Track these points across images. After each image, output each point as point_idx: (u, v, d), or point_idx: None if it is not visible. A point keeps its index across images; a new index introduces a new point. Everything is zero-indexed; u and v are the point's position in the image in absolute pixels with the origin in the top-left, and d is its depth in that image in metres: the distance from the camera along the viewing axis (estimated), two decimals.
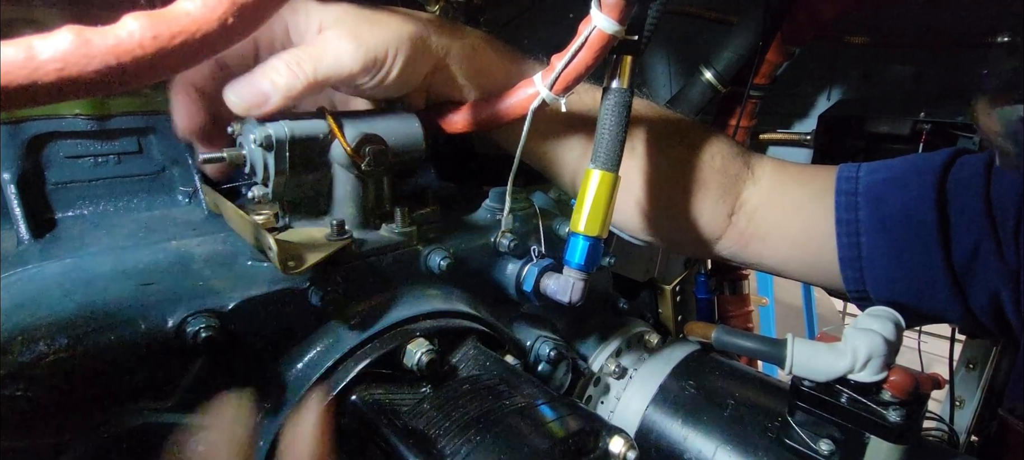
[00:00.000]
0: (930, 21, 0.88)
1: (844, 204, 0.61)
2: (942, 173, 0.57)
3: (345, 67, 0.47)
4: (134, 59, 0.31)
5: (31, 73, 0.29)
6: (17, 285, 0.42)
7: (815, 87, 1.05)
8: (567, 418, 0.46)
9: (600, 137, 0.52)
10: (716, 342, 0.57)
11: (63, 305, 0.40)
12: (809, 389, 0.51)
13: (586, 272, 0.54)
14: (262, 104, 0.45)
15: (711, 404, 0.61)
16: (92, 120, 0.49)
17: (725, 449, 0.57)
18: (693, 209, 0.65)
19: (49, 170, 0.49)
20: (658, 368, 0.66)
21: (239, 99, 0.45)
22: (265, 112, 0.46)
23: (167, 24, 0.32)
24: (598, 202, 0.52)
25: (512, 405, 0.46)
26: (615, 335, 0.71)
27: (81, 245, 0.47)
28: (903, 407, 0.48)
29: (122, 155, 0.52)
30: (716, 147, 0.65)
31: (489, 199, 0.63)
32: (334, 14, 0.48)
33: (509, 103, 0.53)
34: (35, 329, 0.38)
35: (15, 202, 0.47)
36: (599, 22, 0.46)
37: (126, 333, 0.40)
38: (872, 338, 0.48)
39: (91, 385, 0.39)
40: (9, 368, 0.36)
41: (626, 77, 0.51)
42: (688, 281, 1.08)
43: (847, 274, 0.61)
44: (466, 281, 0.57)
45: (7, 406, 0.35)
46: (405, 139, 0.52)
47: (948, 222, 0.56)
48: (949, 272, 0.56)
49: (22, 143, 0.47)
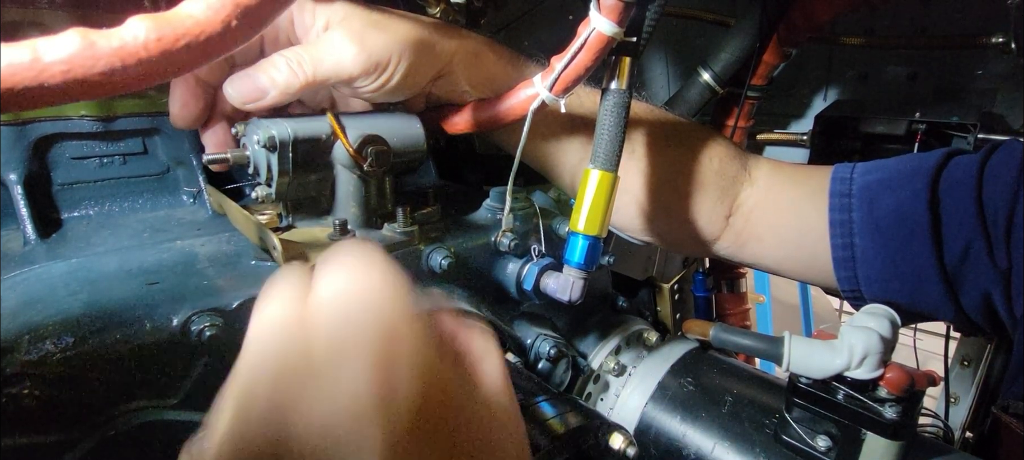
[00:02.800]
0: (925, 22, 0.88)
1: (838, 205, 0.61)
2: (935, 174, 0.58)
3: (346, 70, 0.47)
4: (139, 61, 0.31)
5: (37, 75, 0.29)
6: (24, 284, 0.42)
7: (811, 88, 1.06)
8: (567, 415, 0.46)
9: (599, 137, 0.52)
10: (714, 340, 0.57)
11: (69, 304, 0.40)
12: (806, 386, 0.52)
13: (586, 271, 0.54)
14: (259, 99, 0.46)
15: (709, 401, 0.61)
16: (97, 121, 0.50)
17: (723, 445, 0.57)
18: (691, 210, 0.65)
19: (55, 171, 0.49)
20: (657, 365, 0.67)
21: (237, 93, 0.45)
22: (261, 107, 0.46)
23: (171, 27, 0.32)
24: (597, 202, 0.53)
25: None
26: (614, 333, 0.71)
27: (87, 245, 0.47)
28: (899, 404, 0.48)
29: (127, 156, 0.52)
30: (714, 149, 0.65)
31: (489, 199, 0.64)
32: (340, 14, 0.48)
33: (509, 104, 0.54)
34: (42, 328, 0.38)
35: (22, 202, 0.47)
36: (598, 24, 0.47)
37: (131, 332, 0.40)
38: (868, 336, 0.48)
39: (97, 383, 0.39)
40: (16, 366, 0.36)
41: (625, 78, 0.51)
42: (686, 279, 1.08)
43: (841, 274, 0.62)
44: (467, 280, 0.58)
45: (14, 404, 0.36)
46: (406, 139, 0.53)
47: (940, 223, 0.56)
48: (941, 272, 0.56)
49: (29, 144, 0.47)
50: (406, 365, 0.26)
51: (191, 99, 0.48)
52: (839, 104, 1.01)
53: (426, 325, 0.29)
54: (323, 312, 0.27)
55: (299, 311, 0.28)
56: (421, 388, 0.26)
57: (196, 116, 0.48)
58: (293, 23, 0.49)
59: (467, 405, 0.29)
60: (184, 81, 0.47)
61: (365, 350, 0.26)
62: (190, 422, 0.43)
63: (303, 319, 0.28)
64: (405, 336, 0.27)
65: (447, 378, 0.28)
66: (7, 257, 0.45)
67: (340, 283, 0.28)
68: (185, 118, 0.48)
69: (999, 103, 0.90)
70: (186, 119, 0.48)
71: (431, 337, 0.29)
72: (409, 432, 0.25)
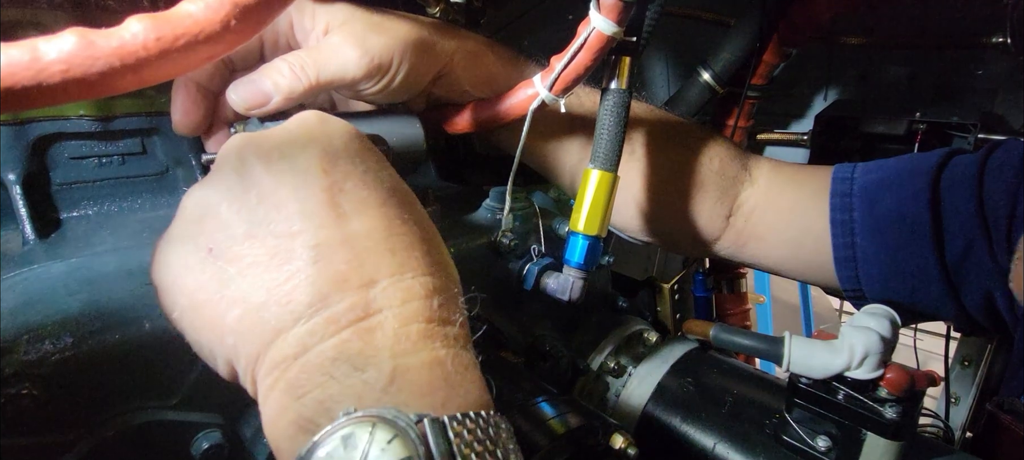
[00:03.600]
0: (925, 22, 0.88)
1: (839, 205, 0.61)
2: (935, 174, 0.58)
3: (349, 73, 0.47)
4: (138, 61, 0.31)
5: (36, 75, 0.29)
6: (23, 285, 0.42)
7: (812, 88, 1.06)
8: (567, 415, 0.46)
9: (599, 137, 0.52)
10: (714, 340, 0.57)
11: (68, 304, 0.40)
12: (806, 386, 0.52)
13: (585, 271, 0.54)
14: (263, 104, 0.46)
15: (709, 401, 0.61)
16: (96, 121, 0.49)
17: (723, 445, 0.57)
18: (691, 210, 0.65)
19: (54, 170, 0.49)
20: (657, 366, 0.67)
21: (240, 98, 0.45)
22: (265, 112, 0.46)
23: (170, 26, 0.32)
24: (597, 202, 0.52)
25: (513, 402, 0.47)
26: (614, 333, 0.71)
27: (86, 245, 0.47)
28: (899, 404, 0.48)
29: (126, 156, 0.52)
30: (714, 149, 0.65)
31: (489, 199, 0.63)
32: (341, 17, 0.48)
33: (509, 104, 0.54)
34: (41, 328, 0.38)
35: (20, 202, 0.47)
36: (598, 23, 0.47)
37: (130, 332, 0.40)
38: (868, 336, 0.48)
39: (95, 383, 0.39)
40: (15, 367, 0.36)
41: (624, 78, 0.51)
42: (686, 279, 1.08)
43: (842, 274, 0.62)
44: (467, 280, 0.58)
45: (12, 404, 0.36)
46: (406, 139, 0.52)
47: (941, 222, 0.57)
48: (942, 271, 0.56)
49: (27, 144, 0.47)
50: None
51: (193, 106, 0.48)
52: (839, 104, 1.01)
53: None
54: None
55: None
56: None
57: (198, 123, 0.49)
58: (293, 27, 0.48)
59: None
60: (185, 88, 0.48)
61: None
62: (190, 422, 0.43)
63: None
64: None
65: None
66: (6, 257, 0.45)
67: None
68: (187, 125, 0.48)
69: (999, 103, 0.90)
70: (188, 126, 0.48)
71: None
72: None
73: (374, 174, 0.37)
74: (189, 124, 0.48)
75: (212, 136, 0.51)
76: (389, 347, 0.32)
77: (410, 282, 0.34)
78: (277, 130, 0.39)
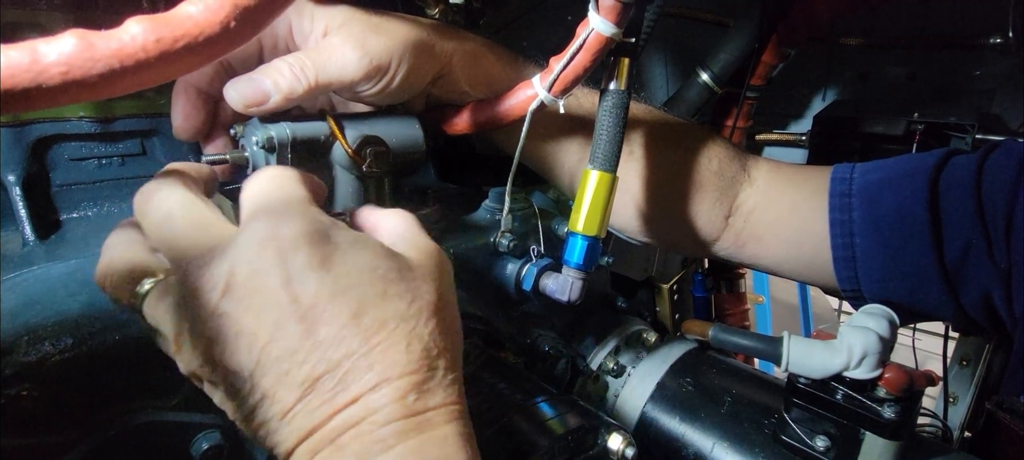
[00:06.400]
0: (924, 22, 0.89)
1: (838, 205, 0.62)
2: (934, 173, 0.58)
3: (348, 74, 0.47)
4: (137, 62, 0.31)
5: (36, 76, 0.29)
6: (23, 286, 0.42)
7: (810, 88, 1.06)
8: (566, 415, 0.47)
9: (598, 138, 0.52)
10: (713, 340, 0.57)
11: (68, 305, 0.40)
12: (805, 386, 0.52)
13: (585, 271, 0.54)
14: (262, 102, 0.46)
15: (708, 401, 0.61)
16: (96, 122, 0.49)
17: (722, 445, 0.58)
18: (690, 211, 0.65)
19: (54, 172, 0.49)
20: (656, 366, 0.67)
21: (239, 96, 0.45)
22: (264, 111, 0.46)
23: (170, 27, 0.32)
24: (596, 202, 0.53)
25: (512, 402, 0.47)
26: (613, 333, 0.71)
27: (86, 246, 0.47)
28: (897, 403, 0.48)
29: (126, 157, 0.52)
30: (713, 150, 0.65)
31: (489, 199, 0.64)
32: (340, 19, 0.48)
33: (508, 105, 0.54)
34: (40, 329, 0.38)
35: (20, 204, 0.47)
36: (597, 25, 0.47)
37: (130, 333, 0.40)
38: (867, 336, 0.48)
39: (95, 384, 0.39)
40: (14, 367, 0.36)
41: (623, 79, 0.52)
42: (685, 280, 1.08)
43: (841, 274, 0.62)
44: (466, 280, 0.58)
45: (12, 405, 0.36)
46: (406, 140, 0.53)
47: (940, 222, 0.57)
48: (941, 271, 0.57)
49: (27, 145, 0.47)
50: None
51: (193, 111, 0.48)
52: (838, 104, 1.02)
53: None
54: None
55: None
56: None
57: (198, 128, 0.49)
58: (291, 29, 0.49)
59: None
60: (185, 92, 0.48)
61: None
62: (190, 422, 0.43)
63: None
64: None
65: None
66: (6, 258, 0.45)
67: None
68: (187, 130, 0.48)
69: (997, 103, 0.91)
70: (188, 131, 0.48)
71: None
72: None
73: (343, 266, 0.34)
74: (190, 129, 0.48)
75: (212, 142, 0.51)
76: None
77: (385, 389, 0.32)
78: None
